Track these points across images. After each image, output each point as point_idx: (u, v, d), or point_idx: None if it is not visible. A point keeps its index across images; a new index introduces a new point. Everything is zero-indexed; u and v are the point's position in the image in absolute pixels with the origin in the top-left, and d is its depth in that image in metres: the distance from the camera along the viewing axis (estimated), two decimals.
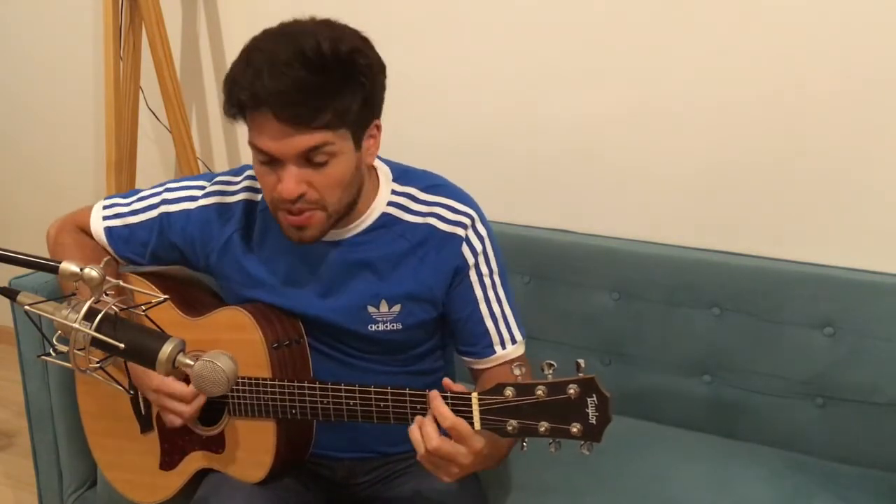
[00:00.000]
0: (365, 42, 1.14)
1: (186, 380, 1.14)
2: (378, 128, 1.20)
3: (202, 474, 1.32)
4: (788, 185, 1.63)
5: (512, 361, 1.30)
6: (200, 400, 1.23)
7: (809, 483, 1.44)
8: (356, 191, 1.21)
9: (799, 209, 1.63)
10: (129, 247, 1.35)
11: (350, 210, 1.22)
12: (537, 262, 1.74)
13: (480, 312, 1.30)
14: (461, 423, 1.07)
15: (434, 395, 1.09)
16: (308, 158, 1.12)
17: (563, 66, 1.75)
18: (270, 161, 1.13)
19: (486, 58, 1.81)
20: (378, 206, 1.27)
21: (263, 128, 1.10)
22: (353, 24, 1.16)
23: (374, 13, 1.87)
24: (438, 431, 1.08)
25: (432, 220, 1.27)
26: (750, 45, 1.58)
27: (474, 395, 1.08)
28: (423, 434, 1.07)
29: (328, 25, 1.14)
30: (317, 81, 1.08)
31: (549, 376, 1.04)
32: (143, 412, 1.36)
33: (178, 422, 1.24)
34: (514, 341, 1.31)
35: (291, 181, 1.12)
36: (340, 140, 1.12)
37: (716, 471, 1.47)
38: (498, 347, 1.30)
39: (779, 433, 1.59)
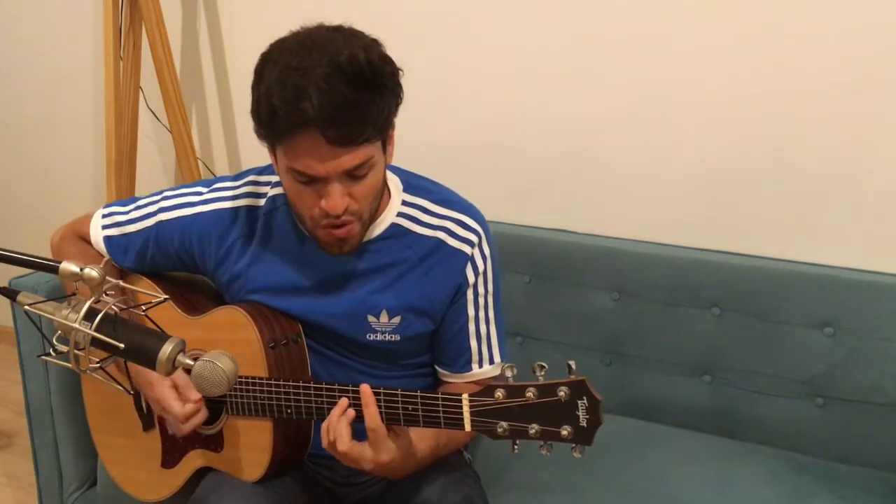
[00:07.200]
0: (382, 46, 1.12)
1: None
2: (394, 128, 1.18)
3: (203, 473, 1.32)
4: (788, 185, 1.63)
5: (485, 380, 1.32)
6: (197, 419, 1.21)
7: (809, 483, 1.44)
8: (381, 195, 1.22)
9: (799, 209, 1.63)
10: (129, 256, 1.35)
11: (374, 215, 1.22)
12: (537, 262, 1.74)
13: (468, 331, 1.30)
14: (381, 429, 1.10)
15: (366, 390, 1.11)
16: (351, 173, 1.11)
17: (563, 67, 1.75)
18: (310, 181, 1.11)
19: (486, 58, 1.81)
20: (388, 217, 1.26)
21: (307, 149, 1.07)
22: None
23: (373, 13, 1.87)
24: (351, 433, 1.11)
25: (442, 235, 1.27)
26: (749, 45, 1.58)
27: (465, 396, 1.08)
28: (335, 434, 1.11)
29: (352, 34, 1.10)
30: (359, 97, 1.05)
31: (541, 378, 1.03)
32: (144, 410, 1.36)
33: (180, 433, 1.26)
34: (492, 361, 1.33)
35: (337, 197, 1.11)
36: (377, 150, 1.13)
37: (716, 471, 1.47)
38: (475, 366, 1.32)
39: (779, 433, 1.59)
